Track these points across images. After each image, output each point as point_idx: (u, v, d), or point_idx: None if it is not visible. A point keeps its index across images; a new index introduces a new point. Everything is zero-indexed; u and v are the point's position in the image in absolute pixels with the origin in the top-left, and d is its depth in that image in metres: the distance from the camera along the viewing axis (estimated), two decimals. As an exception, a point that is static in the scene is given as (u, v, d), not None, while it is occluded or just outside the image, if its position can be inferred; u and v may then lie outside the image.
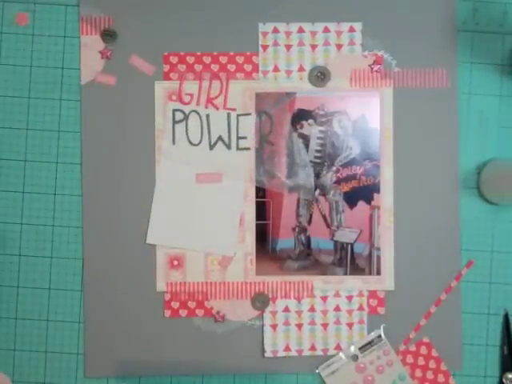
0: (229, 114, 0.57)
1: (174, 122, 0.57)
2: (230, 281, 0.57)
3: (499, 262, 0.58)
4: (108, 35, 0.57)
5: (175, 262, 0.57)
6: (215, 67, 0.57)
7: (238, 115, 0.57)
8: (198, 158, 0.57)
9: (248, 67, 0.57)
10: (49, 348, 0.57)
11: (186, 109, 0.57)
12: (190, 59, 0.57)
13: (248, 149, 0.57)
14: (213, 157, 0.57)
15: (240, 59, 0.57)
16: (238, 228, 0.57)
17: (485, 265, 0.57)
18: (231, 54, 0.57)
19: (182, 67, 0.57)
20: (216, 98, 0.57)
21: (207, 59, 0.57)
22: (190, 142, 0.57)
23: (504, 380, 0.57)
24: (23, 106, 0.57)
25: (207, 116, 0.57)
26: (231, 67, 0.57)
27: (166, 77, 0.57)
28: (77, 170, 0.57)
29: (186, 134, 0.57)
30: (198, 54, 0.57)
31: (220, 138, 0.57)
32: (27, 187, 0.57)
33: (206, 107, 0.57)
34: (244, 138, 0.57)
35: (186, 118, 0.57)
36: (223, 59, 0.57)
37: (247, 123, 0.57)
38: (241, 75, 0.57)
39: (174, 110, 0.57)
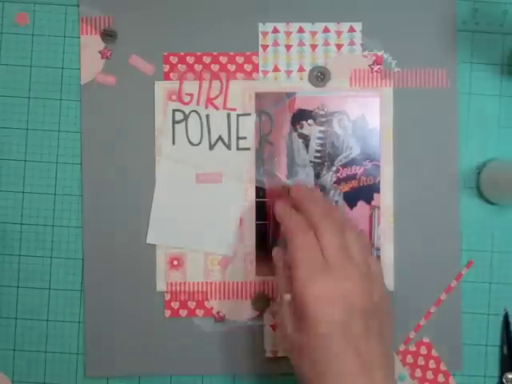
0: (229, 114, 0.57)
1: (174, 122, 0.57)
2: (230, 281, 0.57)
3: (499, 261, 0.58)
4: (108, 35, 0.57)
5: (175, 262, 0.57)
6: (215, 67, 0.57)
7: (237, 115, 0.57)
8: (198, 158, 0.57)
9: (248, 67, 0.57)
10: (49, 348, 0.57)
11: (186, 109, 0.57)
12: (190, 59, 0.57)
13: (248, 149, 0.57)
14: (213, 157, 0.57)
15: (240, 59, 0.57)
16: (238, 228, 0.57)
17: (485, 265, 0.57)
18: (231, 54, 0.57)
19: (182, 67, 0.57)
20: (216, 98, 0.57)
21: (207, 59, 0.57)
22: (190, 142, 0.57)
23: (504, 380, 0.57)
24: (23, 106, 0.57)
25: (207, 116, 0.57)
26: (231, 67, 0.57)
27: (166, 77, 0.57)
28: (77, 170, 0.57)
29: (186, 134, 0.57)
30: (198, 54, 0.57)
31: (220, 138, 0.57)
32: (27, 187, 0.57)
33: (206, 107, 0.57)
34: (244, 138, 0.57)
35: (185, 118, 0.57)
36: (223, 59, 0.57)
37: (247, 123, 0.57)
38: (241, 75, 0.57)
39: (174, 110, 0.57)
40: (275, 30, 0.57)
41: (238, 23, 0.57)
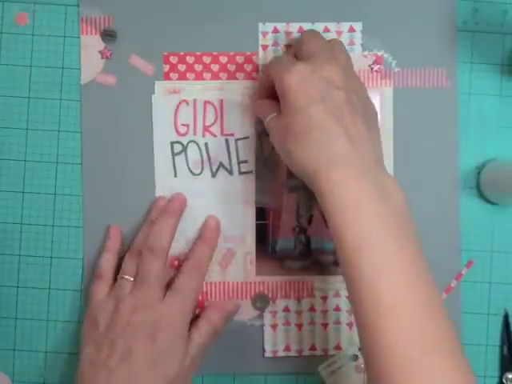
0: (227, 140, 0.57)
1: (174, 155, 0.57)
2: (230, 281, 0.57)
3: (499, 261, 0.58)
4: (108, 35, 0.57)
5: (175, 262, 0.57)
6: (215, 67, 0.57)
7: (236, 140, 0.57)
8: (201, 187, 0.57)
9: (248, 67, 0.57)
10: (49, 348, 0.57)
11: (184, 140, 0.57)
12: (190, 59, 0.57)
13: (251, 172, 0.57)
14: (216, 184, 0.57)
15: (240, 59, 0.57)
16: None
17: (485, 265, 0.57)
18: (231, 54, 0.57)
19: (182, 67, 0.57)
20: (212, 125, 0.57)
21: (207, 59, 0.57)
22: (192, 173, 0.57)
23: (504, 380, 0.57)
24: (23, 106, 0.57)
25: (205, 144, 0.57)
26: (231, 67, 0.57)
27: (166, 77, 0.57)
28: (77, 170, 0.57)
29: (187, 164, 0.57)
30: (198, 54, 0.57)
31: (221, 165, 0.57)
32: (27, 187, 0.57)
33: (204, 136, 0.57)
34: (245, 161, 0.57)
35: (184, 149, 0.57)
36: (223, 59, 0.57)
37: (246, 147, 0.57)
38: (241, 75, 0.57)
39: (172, 143, 0.57)
40: (275, 30, 0.57)
41: (238, 23, 0.57)
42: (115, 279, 0.53)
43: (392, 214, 0.44)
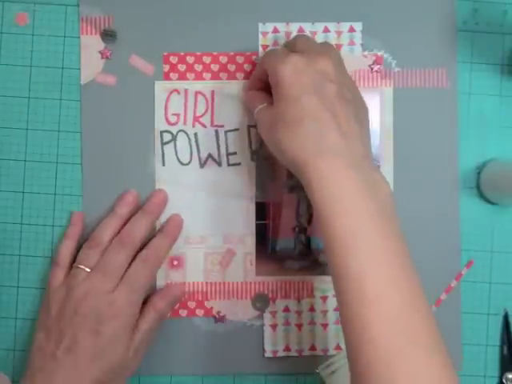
0: (217, 131, 0.57)
1: (163, 144, 0.57)
2: (230, 281, 0.57)
3: (499, 261, 0.58)
4: (108, 35, 0.57)
5: (175, 262, 0.57)
6: (215, 67, 0.57)
7: (225, 131, 0.57)
8: (190, 177, 0.57)
9: (248, 67, 0.57)
10: (49, 348, 0.57)
11: (174, 129, 0.57)
12: (190, 59, 0.57)
13: (239, 164, 0.57)
14: (204, 174, 0.57)
15: (240, 59, 0.57)
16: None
17: (485, 265, 0.57)
18: (231, 53, 0.57)
19: (182, 67, 0.57)
20: (202, 115, 0.57)
21: (207, 59, 0.57)
22: (180, 162, 0.57)
23: (504, 380, 0.57)
24: (23, 106, 0.57)
25: (195, 134, 0.57)
26: (231, 67, 0.57)
27: (166, 77, 0.57)
28: (77, 170, 0.57)
29: (176, 154, 0.57)
30: (198, 54, 0.57)
31: (210, 156, 0.57)
32: (27, 187, 0.57)
33: (193, 126, 0.57)
34: (234, 153, 0.57)
35: (174, 138, 0.56)
36: (223, 59, 0.57)
37: (236, 139, 0.57)
38: (241, 75, 0.57)
39: (162, 132, 0.57)
40: (275, 30, 0.57)
41: (238, 23, 0.57)
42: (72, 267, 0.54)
43: (379, 209, 0.44)
